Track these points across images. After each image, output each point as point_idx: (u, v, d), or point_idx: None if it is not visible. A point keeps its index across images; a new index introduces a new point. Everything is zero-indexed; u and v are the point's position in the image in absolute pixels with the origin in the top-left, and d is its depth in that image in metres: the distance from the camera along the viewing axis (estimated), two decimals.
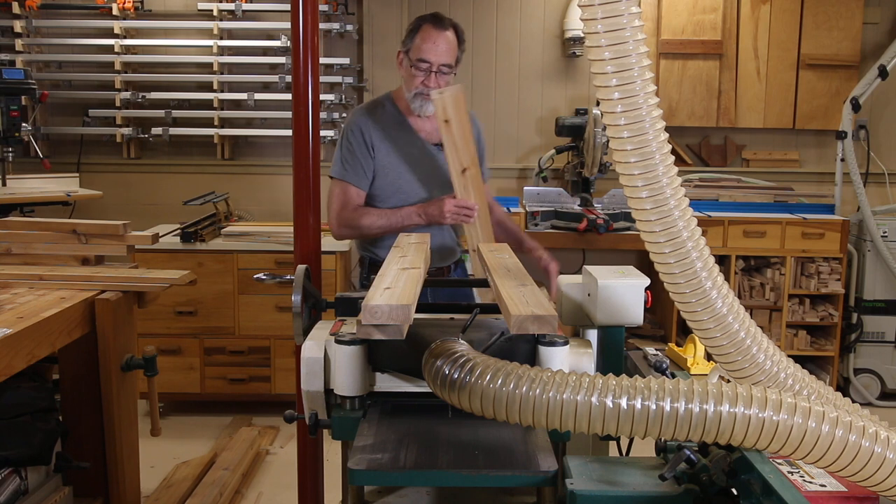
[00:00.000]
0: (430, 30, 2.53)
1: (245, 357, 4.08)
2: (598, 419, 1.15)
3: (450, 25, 2.56)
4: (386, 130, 2.61)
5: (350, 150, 2.59)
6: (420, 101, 2.57)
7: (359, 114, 2.65)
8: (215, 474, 3.32)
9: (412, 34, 2.56)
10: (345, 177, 2.60)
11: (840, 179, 4.57)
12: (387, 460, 1.33)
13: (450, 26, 2.56)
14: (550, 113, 4.86)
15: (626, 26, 1.22)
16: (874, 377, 4.48)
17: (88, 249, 2.63)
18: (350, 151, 2.59)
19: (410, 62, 2.54)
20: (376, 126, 2.61)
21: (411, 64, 2.54)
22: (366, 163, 2.59)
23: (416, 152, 2.64)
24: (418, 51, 2.52)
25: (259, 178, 4.90)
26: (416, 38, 2.54)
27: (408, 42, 2.57)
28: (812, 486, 1.27)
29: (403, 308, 1.32)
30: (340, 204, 2.60)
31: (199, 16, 4.74)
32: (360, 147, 2.59)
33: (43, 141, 4.72)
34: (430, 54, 2.51)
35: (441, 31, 2.52)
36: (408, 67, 2.56)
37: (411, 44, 2.55)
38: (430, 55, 2.51)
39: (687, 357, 1.96)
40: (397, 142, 2.62)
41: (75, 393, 2.42)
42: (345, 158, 2.60)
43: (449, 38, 2.54)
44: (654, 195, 1.27)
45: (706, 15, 4.75)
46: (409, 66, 2.55)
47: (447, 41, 2.53)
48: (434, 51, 2.51)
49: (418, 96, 2.56)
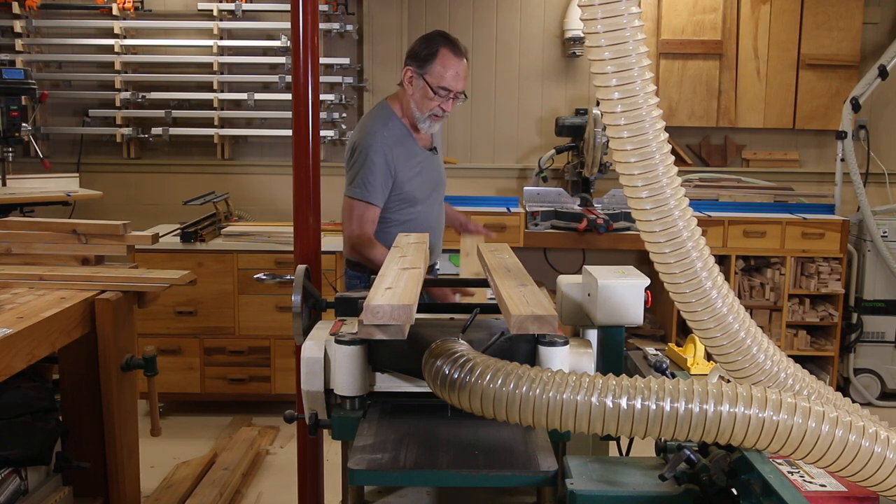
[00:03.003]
0: (451, 57, 2.58)
1: (245, 357, 4.08)
2: (598, 419, 1.15)
3: (464, 51, 2.64)
4: (401, 147, 2.67)
5: (373, 172, 2.60)
6: (430, 121, 2.65)
7: (378, 136, 2.64)
8: (215, 474, 3.32)
9: (431, 58, 2.58)
10: (367, 198, 2.62)
11: (840, 179, 4.57)
12: (387, 460, 1.33)
13: (464, 53, 2.63)
14: (550, 113, 4.86)
15: (626, 26, 1.22)
16: (874, 377, 4.48)
17: (88, 249, 2.63)
18: (373, 173, 2.60)
19: (430, 87, 2.58)
20: (394, 145, 2.65)
21: (432, 89, 2.58)
22: (386, 183, 2.64)
23: (421, 161, 2.73)
24: (440, 78, 2.57)
25: (259, 178, 4.90)
26: (435, 63, 2.57)
27: (425, 65, 2.59)
28: (812, 486, 1.27)
29: (405, 308, 1.32)
30: (359, 227, 2.63)
31: (199, 16, 4.74)
32: (383, 168, 2.61)
33: (43, 141, 4.72)
34: (451, 83, 2.59)
35: (460, 60, 2.60)
36: (424, 89, 2.60)
37: (430, 68, 2.58)
38: (452, 84, 2.59)
39: (687, 357, 1.96)
40: (408, 156, 2.69)
41: (75, 393, 2.42)
42: (367, 181, 2.60)
43: (465, 65, 2.63)
44: (654, 195, 1.27)
45: (706, 15, 4.75)
46: (427, 90, 2.59)
47: (465, 69, 2.63)
48: (456, 79, 2.60)
49: (430, 118, 2.64)
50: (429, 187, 2.77)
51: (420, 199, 2.73)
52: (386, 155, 2.62)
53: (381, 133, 2.64)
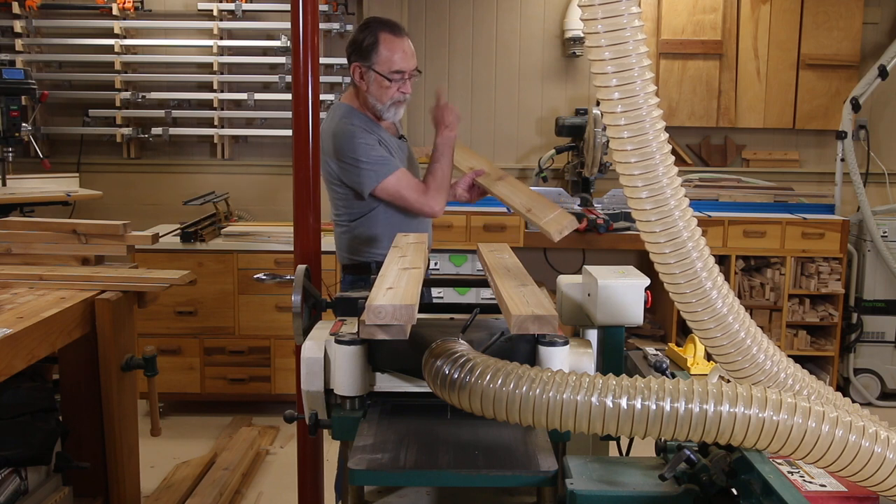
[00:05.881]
0: (393, 39, 2.55)
1: (245, 357, 4.08)
2: (598, 419, 1.15)
3: (403, 30, 2.60)
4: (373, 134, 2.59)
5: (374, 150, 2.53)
6: (395, 108, 2.60)
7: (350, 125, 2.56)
8: (215, 474, 3.32)
9: (373, 47, 2.53)
10: (392, 166, 2.54)
11: (840, 179, 4.57)
12: (387, 460, 1.33)
13: (404, 31, 2.60)
14: (550, 113, 4.86)
15: (626, 26, 1.23)
16: (874, 377, 4.48)
17: (88, 249, 2.63)
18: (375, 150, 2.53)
19: (382, 75, 2.54)
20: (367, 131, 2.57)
21: (385, 77, 2.54)
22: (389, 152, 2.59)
23: (394, 148, 2.66)
24: (390, 63, 2.53)
25: (259, 178, 4.90)
26: (380, 50, 2.53)
27: (371, 56, 2.54)
28: (812, 486, 1.27)
29: (407, 308, 1.32)
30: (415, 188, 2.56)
31: (199, 16, 4.74)
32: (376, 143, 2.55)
33: (43, 141, 4.72)
34: (403, 64, 2.55)
35: (403, 38, 2.57)
36: (378, 80, 2.55)
37: (376, 57, 2.53)
38: (404, 65, 2.55)
39: (687, 357, 1.97)
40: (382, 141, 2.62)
41: (75, 393, 2.43)
42: (376, 158, 2.52)
43: (409, 43, 2.59)
44: (654, 195, 1.27)
45: (706, 15, 4.75)
46: (381, 79, 2.55)
47: (410, 47, 2.59)
48: (405, 60, 2.56)
49: (394, 104, 2.59)
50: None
51: None
52: (368, 134, 2.55)
53: (351, 122, 2.56)
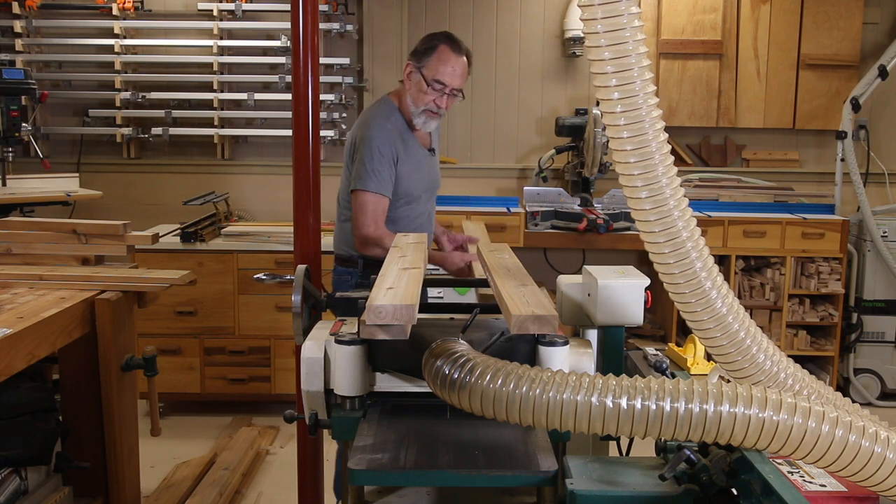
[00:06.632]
0: (449, 53, 2.59)
1: (245, 357, 4.08)
2: (598, 419, 1.15)
3: (465, 51, 2.64)
4: (402, 141, 2.67)
5: (381, 162, 2.61)
6: (425, 117, 2.66)
7: (380, 127, 2.65)
8: (215, 474, 3.32)
9: (429, 52, 2.60)
10: (379, 189, 2.61)
11: (840, 179, 4.57)
12: (387, 460, 1.33)
13: (465, 52, 2.64)
14: (550, 113, 4.86)
15: (626, 26, 1.23)
16: (874, 377, 4.48)
17: (88, 249, 2.63)
18: (381, 163, 2.61)
19: (425, 80, 2.59)
20: (397, 138, 2.65)
21: (426, 82, 2.59)
22: (391, 174, 2.64)
23: (420, 158, 2.74)
24: (435, 72, 2.59)
25: (259, 178, 4.89)
26: (433, 57, 2.59)
27: (423, 59, 2.60)
28: (812, 486, 1.27)
29: (408, 308, 1.32)
30: (374, 223, 2.61)
31: (199, 16, 4.74)
32: (389, 160, 2.62)
33: (43, 141, 4.72)
34: (447, 78, 2.59)
35: (459, 57, 2.61)
36: (419, 83, 2.61)
37: (427, 61, 2.59)
38: (447, 79, 2.59)
39: (687, 357, 1.96)
40: (409, 150, 2.69)
41: (75, 393, 2.42)
42: (376, 171, 2.60)
43: (464, 63, 2.63)
44: (654, 195, 1.27)
45: (706, 15, 4.75)
46: (422, 83, 2.60)
47: (463, 67, 2.63)
48: (452, 75, 2.60)
49: (425, 112, 2.64)
50: (425, 186, 2.78)
51: (415, 196, 2.73)
52: (390, 146, 2.62)
53: (384, 126, 2.65)
